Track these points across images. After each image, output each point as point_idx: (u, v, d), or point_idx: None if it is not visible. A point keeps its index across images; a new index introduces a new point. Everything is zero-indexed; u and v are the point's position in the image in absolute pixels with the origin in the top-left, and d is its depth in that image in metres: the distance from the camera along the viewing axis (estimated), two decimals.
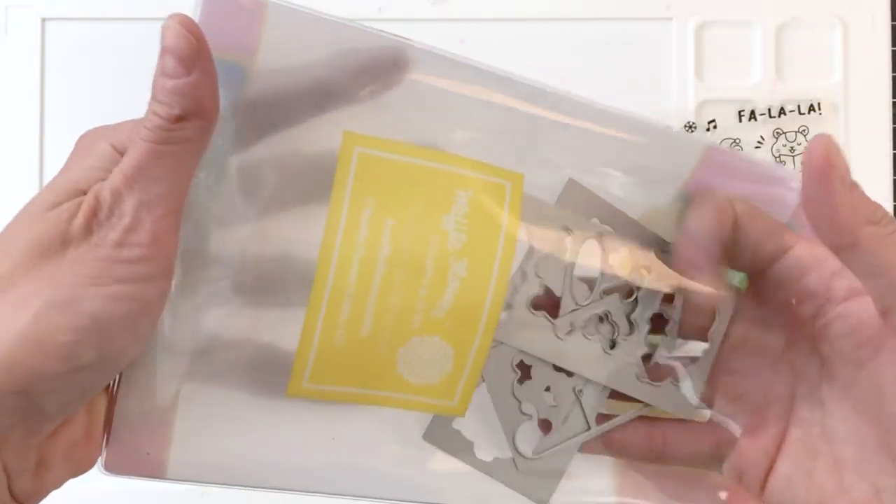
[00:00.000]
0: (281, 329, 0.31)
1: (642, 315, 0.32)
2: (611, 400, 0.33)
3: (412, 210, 0.30)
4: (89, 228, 0.26)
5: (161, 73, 0.26)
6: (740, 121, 0.54)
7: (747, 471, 0.32)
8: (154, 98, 0.26)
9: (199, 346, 0.30)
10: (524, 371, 0.32)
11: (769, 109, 0.54)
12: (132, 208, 0.26)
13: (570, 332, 0.32)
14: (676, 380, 0.33)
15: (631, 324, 0.32)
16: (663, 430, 0.33)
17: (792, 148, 0.54)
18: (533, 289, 0.32)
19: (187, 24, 0.26)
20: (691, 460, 0.33)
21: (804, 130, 0.54)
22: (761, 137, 0.54)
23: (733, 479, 0.33)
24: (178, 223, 0.27)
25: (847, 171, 0.27)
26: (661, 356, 0.33)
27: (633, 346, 0.32)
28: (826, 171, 0.27)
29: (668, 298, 0.33)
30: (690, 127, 0.54)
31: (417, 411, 0.32)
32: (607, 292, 0.32)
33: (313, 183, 0.30)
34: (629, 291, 0.33)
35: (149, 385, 0.30)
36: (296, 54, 0.29)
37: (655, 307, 0.32)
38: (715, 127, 0.54)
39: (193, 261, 0.29)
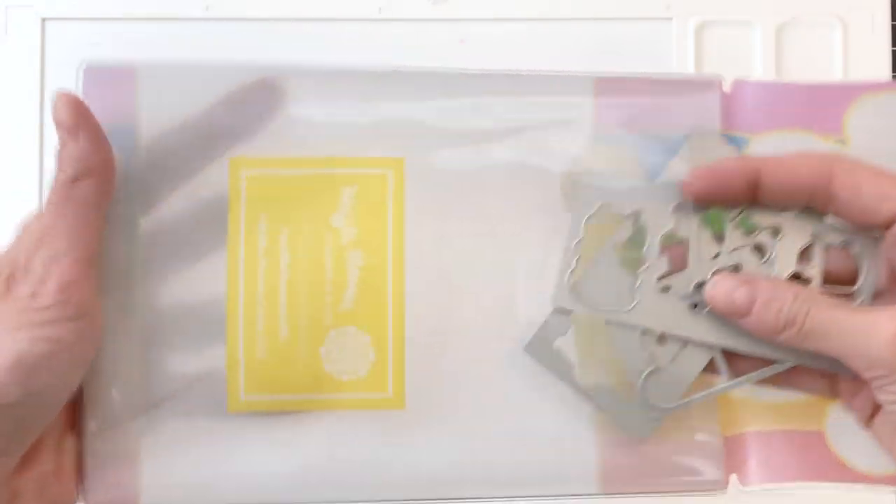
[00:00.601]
0: (222, 356, 0.34)
1: (782, 276, 0.32)
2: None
3: (303, 216, 0.34)
4: (8, 288, 0.30)
5: (57, 144, 0.31)
6: None
7: (857, 409, 0.33)
8: (56, 168, 0.31)
9: (152, 382, 0.33)
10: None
11: None
12: (41, 263, 0.30)
13: (705, 307, 0.33)
14: None
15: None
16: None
17: None
18: (660, 268, 0.33)
19: (69, 98, 0.31)
20: (809, 391, 0.34)
21: None
22: None
23: (844, 410, 0.34)
24: (88, 270, 0.31)
25: (742, 303, 0.31)
26: None
27: None
28: (726, 314, 0.32)
29: (803, 256, 0.33)
30: None
31: (357, 409, 0.34)
32: (736, 250, 0.33)
33: (220, 221, 0.34)
34: (761, 250, 0.33)
35: (111, 422, 0.33)
36: (176, 106, 0.33)
37: (792, 265, 0.32)
38: None
39: (129, 309, 0.34)
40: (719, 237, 0.33)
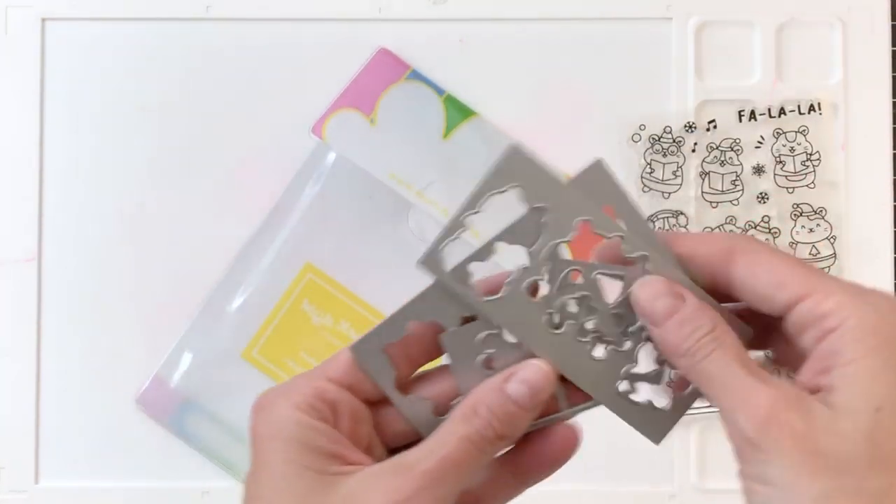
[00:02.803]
0: None
1: (640, 330, 0.31)
2: None
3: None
4: None
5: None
6: (740, 121, 0.54)
7: None
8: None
9: None
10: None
11: (769, 109, 0.54)
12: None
13: (562, 328, 0.31)
14: (655, 405, 0.31)
15: (626, 335, 0.31)
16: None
17: (792, 148, 0.54)
18: (534, 274, 0.31)
19: None
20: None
21: (804, 130, 0.54)
22: (761, 137, 0.54)
23: None
24: None
25: (655, 309, 0.29)
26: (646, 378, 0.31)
27: (623, 359, 0.31)
28: (639, 313, 0.30)
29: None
30: (690, 127, 0.54)
31: None
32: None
33: None
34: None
35: None
36: None
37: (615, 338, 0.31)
38: (715, 127, 0.54)
39: None
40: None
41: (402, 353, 0.31)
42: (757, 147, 0.54)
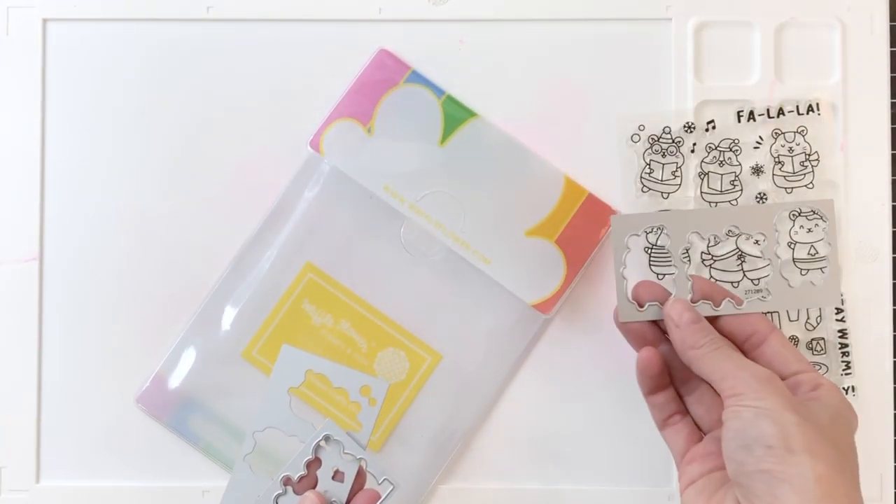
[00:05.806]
0: None
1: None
2: None
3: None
4: None
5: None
6: (739, 121, 0.54)
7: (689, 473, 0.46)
8: None
9: None
10: None
11: (768, 110, 0.54)
12: None
13: None
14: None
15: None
16: None
17: (791, 148, 0.54)
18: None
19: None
20: (675, 442, 0.49)
21: (803, 131, 0.54)
22: (760, 138, 0.54)
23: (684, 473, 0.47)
24: None
25: (681, 319, 0.45)
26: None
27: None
28: (667, 322, 0.46)
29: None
30: (689, 127, 0.54)
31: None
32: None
33: None
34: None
35: None
36: None
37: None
38: (714, 127, 0.54)
39: None
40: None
41: None
42: (756, 147, 0.54)
